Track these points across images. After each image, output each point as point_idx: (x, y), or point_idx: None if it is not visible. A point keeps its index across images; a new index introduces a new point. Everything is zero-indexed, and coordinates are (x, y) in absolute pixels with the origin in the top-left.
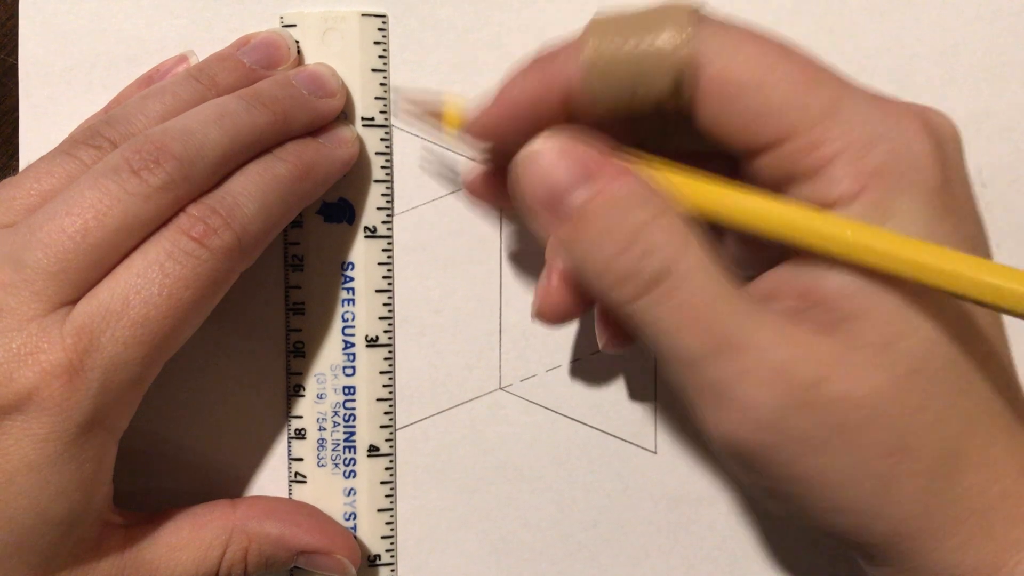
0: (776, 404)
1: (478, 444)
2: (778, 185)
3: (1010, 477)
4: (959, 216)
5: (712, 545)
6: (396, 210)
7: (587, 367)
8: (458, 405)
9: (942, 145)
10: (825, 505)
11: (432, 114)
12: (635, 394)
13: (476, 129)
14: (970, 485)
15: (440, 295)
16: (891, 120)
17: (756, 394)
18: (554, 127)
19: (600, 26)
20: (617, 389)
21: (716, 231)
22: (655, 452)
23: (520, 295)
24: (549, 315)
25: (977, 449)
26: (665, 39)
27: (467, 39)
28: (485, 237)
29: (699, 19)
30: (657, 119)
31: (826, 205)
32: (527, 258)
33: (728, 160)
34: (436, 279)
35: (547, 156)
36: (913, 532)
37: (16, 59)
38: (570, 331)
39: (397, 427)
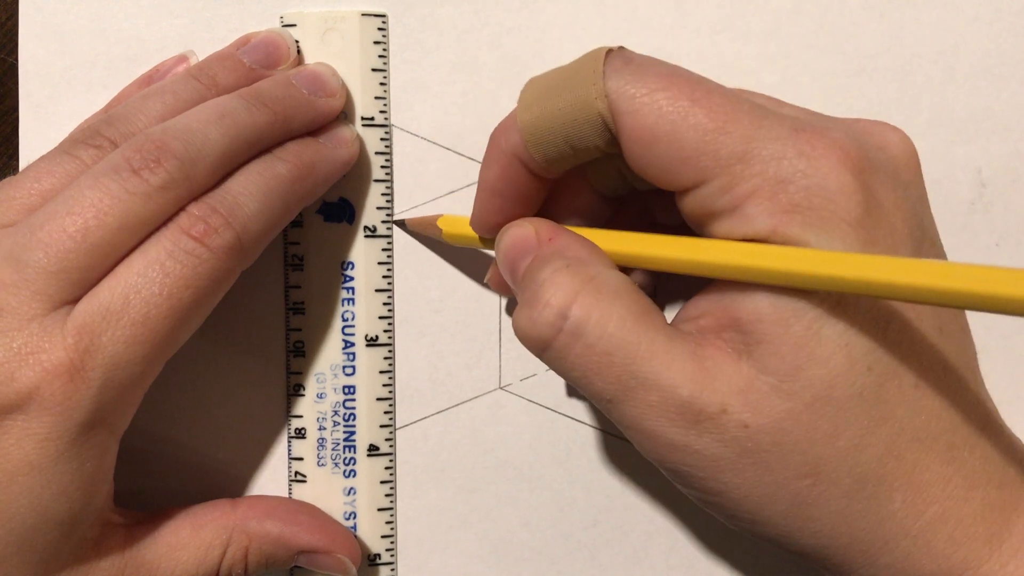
0: (684, 430)
1: (478, 444)
2: (703, 221)
3: (952, 499)
4: (890, 244)
5: (712, 545)
6: (396, 210)
7: None
8: (458, 405)
9: (865, 175)
10: (748, 517)
11: (431, 229)
12: None
13: (479, 229)
14: (898, 508)
15: (440, 295)
16: (806, 156)
17: (664, 427)
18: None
19: (528, 92)
20: None
21: None
22: None
23: None
24: (495, 287)
25: (904, 474)
26: (581, 95)
27: (467, 39)
28: None
29: (612, 69)
30: (612, 158)
31: (745, 241)
32: None
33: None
34: (436, 279)
35: (503, 244)
36: (839, 548)
37: (16, 59)
38: None
39: (397, 427)
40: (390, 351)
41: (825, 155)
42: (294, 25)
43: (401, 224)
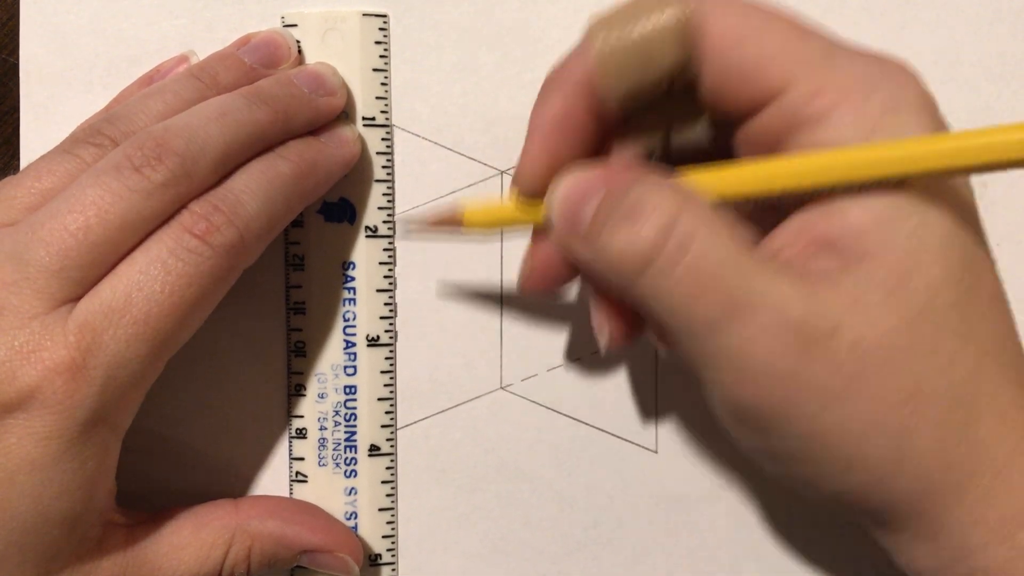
0: (794, 357)
1: (479, 444)
2: (779, 141)
3: (1021, 429)
4: None
5: (713, 545)
6: (397, 209)
7: (587, 367)
8: (459, 405)
9: (927, 90)
10: (843, 464)
11: (445, 222)
12: (635, 394)
13: (526, 183)
14: (984, 436)
15: (441, 295)
16: (883, 70)
17: (774, 351)
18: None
19: (602, 21)
20: (617, 389)
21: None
22: (655, 451)
23: (521, 294)
24: (532, 284)
25: (987, 397)
26: (667, 14)
27: (468, 39)
28: (486, 237)
29: None
30: (666, 109)
31: None
32: None
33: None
34: (436, 279)
35: (562, 187)
36: (933, 487)
37: (17, 59)
38: (571, 331)
39: (398, 427)
40: (391, 351)
41: (898, 70)
42: (295, 25)
43: (408, 229)
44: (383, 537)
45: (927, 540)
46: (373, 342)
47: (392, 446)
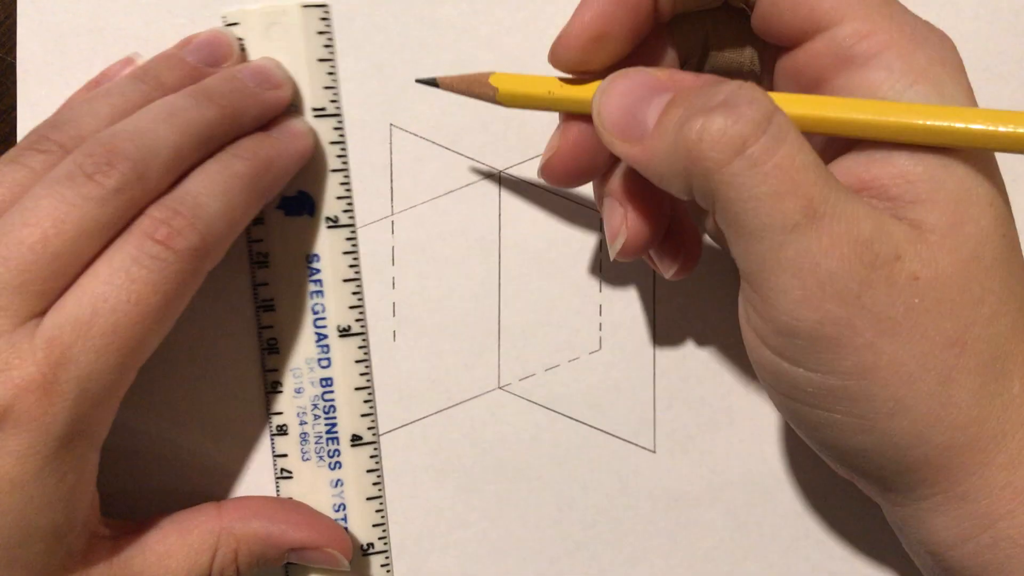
0: (860, 275)
1: (477, 443)
2: (821, 75)
3: None
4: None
5: (711, 545)
6: (395, 209)
7: (586, 367)
8: (457, 404)
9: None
10: (889, 407)
11: (477, 89)
12: (635, 394)
13: (571, 43)
14: (1017, 393)
15: (439, 294)
16: (931, 30)
17: (843, 264)
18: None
19: None
20: (617, 389)
21: None
22: (654, 452)
23: (519, 294)
24: (557, 166)
25: (1021, 358)
26: None
27: (466, 38)
28: (484, 237)
29: None
30: (712, 24)
31: (875, 95)
32: (526, 257)
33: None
34: (436, 278)
35: (622, 81)
36: (967, 442)
37: (14, 58)
38: (570, 330)
39: (396, 427)
40: (364, 340)
41: (943, 35)
42: (237, 24)
43: (431, 82)
44: (373, 526)
45: (952, 506)
46: (345, 332)
47: (374, 434)
